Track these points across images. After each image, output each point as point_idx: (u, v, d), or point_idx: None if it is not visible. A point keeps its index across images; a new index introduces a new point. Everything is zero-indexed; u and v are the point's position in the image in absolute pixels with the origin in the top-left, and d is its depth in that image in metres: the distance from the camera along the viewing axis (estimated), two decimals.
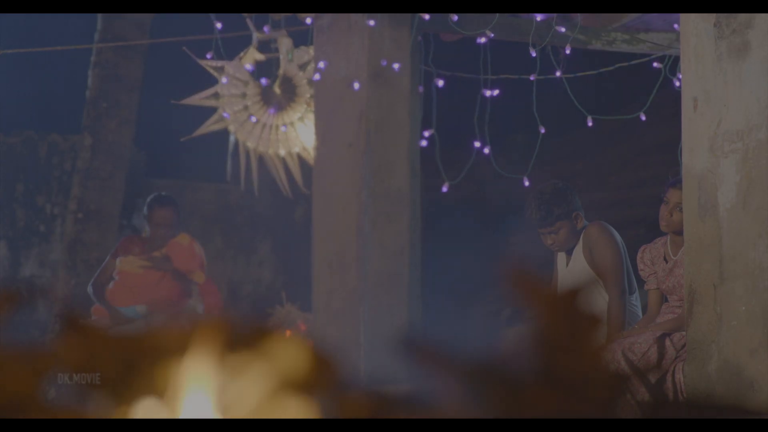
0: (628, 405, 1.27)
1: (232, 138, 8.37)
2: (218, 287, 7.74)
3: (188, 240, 7.48)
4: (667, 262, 5.84)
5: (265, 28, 8.14)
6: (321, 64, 7.80)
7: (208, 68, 8.28)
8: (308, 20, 7.88)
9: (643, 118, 7.65)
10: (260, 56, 8.22)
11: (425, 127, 7.81)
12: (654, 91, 7.43)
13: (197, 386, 1.23)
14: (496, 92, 7.83)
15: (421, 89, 7.77)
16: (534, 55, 7.49)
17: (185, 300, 7.42)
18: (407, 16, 7.60)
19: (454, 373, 1.23)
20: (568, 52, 7.55)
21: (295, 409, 1.22)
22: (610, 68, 7.72)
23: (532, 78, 7.63)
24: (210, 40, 8.36)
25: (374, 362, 7.33)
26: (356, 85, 7.60)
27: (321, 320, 7.59)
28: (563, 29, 7.55)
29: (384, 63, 7.60)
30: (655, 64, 7.71)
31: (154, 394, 1.23)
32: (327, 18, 7.75)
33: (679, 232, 5.54)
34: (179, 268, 7.37)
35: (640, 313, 6.04)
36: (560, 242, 6.04)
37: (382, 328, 7.40)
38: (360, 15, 7.50)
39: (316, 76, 7.83)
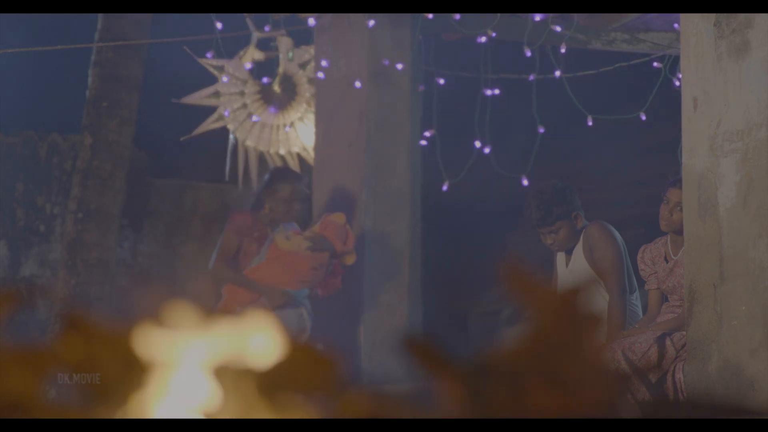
0: (628, 405, 1.27)
1: (231, 138, 8.37)
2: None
3: (344, 219, 7.03)
4: (667, 261, 5.83)
5: (266, 28, 8.14)
6: (322, 64, 7.80)
7: (208, 67, 8.28)
8: (309, 20, 7.88)
9: (643, 117, 7.65)
10: (260, 55, 8.22)
11: (425, 127, 7.81)
12: (654, 91, 7.43)
13: (196, 385, 1.23)
14: (496, 92, 7.83)
15: (421, 88, 7.77)
16: (529, 54, 7.50)
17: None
18: (408, 15, 7.60)
19: (454, 373, 1.23)
20: (563, 51, 7.56)
21: (295, 408, 1.22)
22: (610, 68, 7.72)
23: (531, 78, 7.63)
24: (210, 40, 8.36)
25: (374, 362, 7.33)
26: (357, 85, 7.60)
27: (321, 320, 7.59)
28: (559, 28, 7.55)
29: (385, 62, 7.59)
30: (655, 64, 7.71)
31: (151, 393, 1.23)
32: (327, 17, 7.75)
33: (679, 232, 5.54)
34: (336, 248, 6.93)
35: (641, 313, 6.04)
36: (560, 242, 6.04)
37: (382, 328, 7.40)
38: (360, 14, 7.51)
39: (320, 75, 7.83)
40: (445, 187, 7.81)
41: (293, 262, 6.82)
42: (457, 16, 7.51)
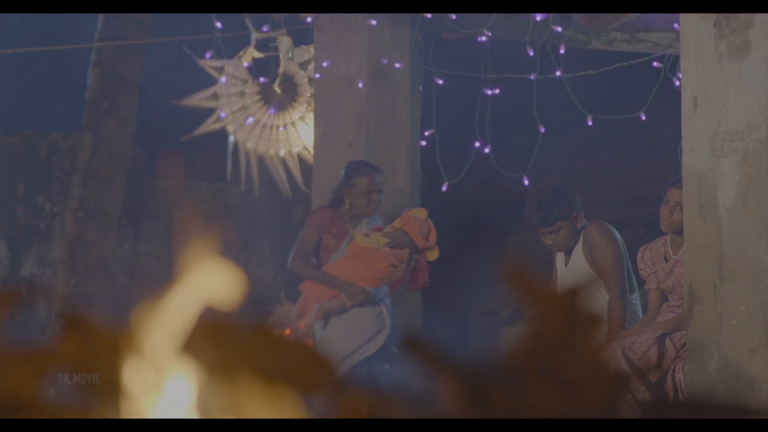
0: (628, 405, 1.27)
1: (231, 138, 8.37)
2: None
3: (425, 214, 6.91)
4: (667, 261, 5.84)
5: (265, 28, 8.14)
6: (322, 64, 7.80)
7: (207, 69, 8.28)
8: (308, 19, 7.88)
9: (643, 117, 7.65)
10: (259, 55, 8.22)
11: (425, 127, 7.81)
12: (654, 90, 7.43)
13: (196, 386, 1.23)
14: (496, 91, 7.83)
15: (421, 88, 7.77)
16: (532, 54, 7.50)
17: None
18: (407, 15, 7.60)
19: (454, 373, 1.23)
20: (562, 51, 7.56)
21: (295, 408, 1.22)
22: (610, 68, 7.72)
23: (532, 77, 7.63)
24: (210, 40, 8.36)
25: None
26: (357, 84, 7.60)
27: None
28: (560, 29, 7.55)
29: (384, 62, 7.59)
30: (655, 64, 7.71)
31: (152, 392, 1.23)
32: (327, 17, 7.75)
33: (679, 232, 5.54)
34: (417, 244, 6.79)
35: (641, 313, 6.04)
36: (560, 242, 6.04)
37: None
38: (360, 14, 7.51)
39: (317, 75, 7.83)
40: (444, 187, 7.81)
41: (372, 259, 6.70)
42: (454, 15, 7.50)
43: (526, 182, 7.69)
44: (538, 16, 7.52)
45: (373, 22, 7.54)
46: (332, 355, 7.06)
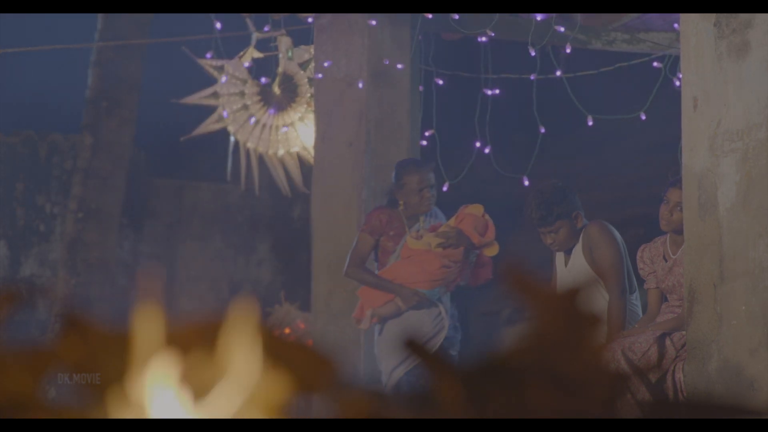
0: (628, 405, 1.27)
1: (232, 138, 8.38)
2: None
3: (482, 210, 6.80)
4: (666, 261, 5.83)
5: (265, 28, 8.14)
6: (323, 64, 7.80)
7: (207, 68, 8.28)
8: (309, 19, 7.88)
9: (643, 117, 7.65)
10: (259, 55, 8.23)
11: (425, 127, 7.81)
12: (654, 91, 7.43)
13: (194, 385, 1.23)
14: (496, 91, 7.83)
15: (421, 88, 7.77)
16: (534, 54, 7.49)
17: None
18: (407, 15, 7.60)
19: (455, 373, 1.23)
20: (568, 51, 7.56)
21: (295, 408, 1.22)
22: (610, 68, 7.72)
23: (532, 77, 7.63)
24: (209, 40, 8.37)
25: (374, 362, 7.33)
26: (357, 85, 7.60)
27: (320, 320, 7.59)
28: (562, 29, 7.55)
29: (385, 62, 7.60)
30: (655, 64, 7.71)
31: (152, 392, 1.23)
32: (327, 17, 7.75)
33: (679, 232, 5.54)
34: (474, 241, 6.70)
35: (640, 313, 6.04)
36: (560, 241, 6.04)
37: None
38: (361, 14, 7.51)
39: (319, 75, 7.83)
40: (445, 188, 7.81)
41: (423, 261, 6.63)
42: (456, 15, 7.51)
43: (526, 182, 7.69)
44: (539, 16, 7.52)
45: (373, 23, 7.54)
46: (389, 360, 6.93)
